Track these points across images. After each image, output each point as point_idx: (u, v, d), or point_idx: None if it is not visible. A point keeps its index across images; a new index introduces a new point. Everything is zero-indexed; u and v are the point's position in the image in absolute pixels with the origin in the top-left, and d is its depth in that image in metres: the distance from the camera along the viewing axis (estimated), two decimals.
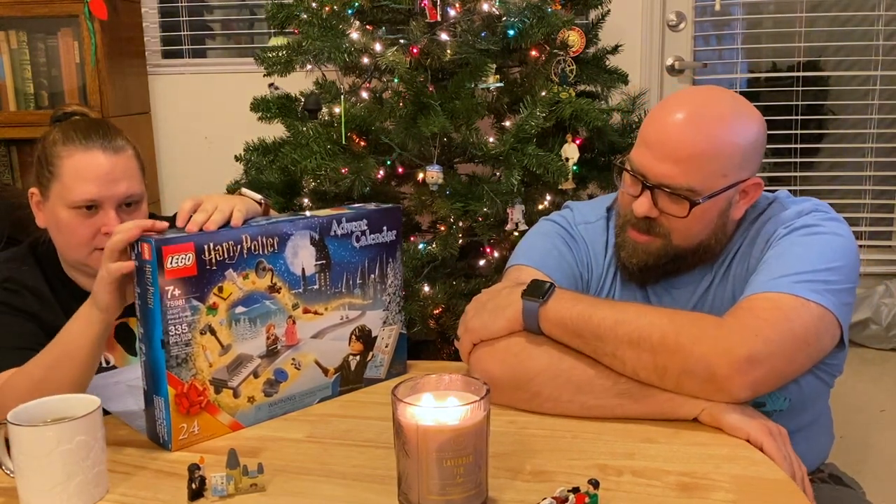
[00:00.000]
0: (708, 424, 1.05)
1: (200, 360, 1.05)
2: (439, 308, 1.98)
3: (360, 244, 1.21)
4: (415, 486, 0.85)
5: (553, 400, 1.09)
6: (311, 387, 1.17)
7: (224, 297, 1.06)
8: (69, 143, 1.29)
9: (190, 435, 1.05)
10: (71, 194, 1.27)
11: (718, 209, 1.17)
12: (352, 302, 1.21)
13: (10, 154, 2.71)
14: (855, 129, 2.70)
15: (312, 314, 1.17)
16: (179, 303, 1.02)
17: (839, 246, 1.13)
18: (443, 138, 1.93)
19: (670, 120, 1.15)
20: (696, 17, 2.71)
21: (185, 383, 1.04)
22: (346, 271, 1.20)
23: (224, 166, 2.24)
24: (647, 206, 1.17)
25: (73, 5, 2.50)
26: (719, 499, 0.89)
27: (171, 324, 1.02)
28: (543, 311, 1.11)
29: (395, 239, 1.26)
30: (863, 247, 2.70)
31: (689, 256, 1.21)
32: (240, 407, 1.10)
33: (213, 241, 1.05)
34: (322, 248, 1.17)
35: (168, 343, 1.02)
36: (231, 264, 1.07)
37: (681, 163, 1.13)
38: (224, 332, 1.07)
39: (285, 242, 1.12)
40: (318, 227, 1.16)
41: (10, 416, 0.89)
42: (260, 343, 1.11)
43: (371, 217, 1.22)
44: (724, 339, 1.02)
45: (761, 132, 1.18)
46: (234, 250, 1.07)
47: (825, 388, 1.22)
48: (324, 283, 1.17)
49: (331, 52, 1.94)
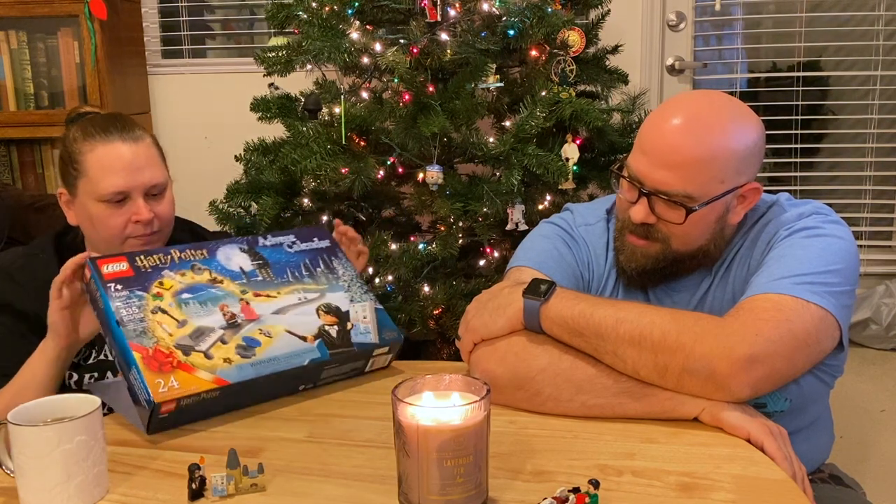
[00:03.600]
0: (708, 424, 1.05)
1: (159, 331, 1.09)
2: (439, 308, 1.99)
3: (294, 249, 1.28)
4: (415, 486, 0.85)
5: (554, 399, 1.10)
6: (293, 349, 1.16)
7: (166, 288, 1.13)
8: (89, 139, 1.32)
9: (170, 389, 1.04)
10: (99, 188, 1.30)
11: (716, 214, 1.17)
12: (305, 287, 1.23)
13: (10, 154, 2.72)
14: (855, 129, 2.70)
15: (265, 297, 1.19)
16: (123, 293, 1.10)
17: (840, 248, 1.13)
18: (443, 138, 1.93)
19: (667, 126, 1.15)
20: (696, 17, 2.71)
21: (148, 349, 1.07)
22: (288, 266, 1.24)
23: (224, 166, 2.24)
24: (643, 212, 1.17)
25: (73, 5, 2.50)
26: (719, 499, 0.89)
27: (121, 308, 1.09)
28: (544, 310, 1.11)
29: (331, 244, 1.31)
30: (863, 247, 2.70)
31: (688, 261, 1.22)
32: (217, 366, 1.09)
33: (144, 254, 1.14)
34: (255, 253, 1.24)
35: (122, 321, 1.07)
36: (164, 267, 1.15)
37: (677, 169, 1.13)
38: (175, 311, 1.11)
39: (214, 251, 1.20)
40: (244, 242, 1.24)
41: (11, 415, 0.89)
42: (217, 318, 1.13)
43: (298, 233, 1.29)
44: (725, 338, 1.02)
45: (759, 137, 1.17)
46: (164, 259, 1.16)
47: (825, 388, 1.22)
48: (267, 275, 1.21)
49: (331, 52, 1.94)
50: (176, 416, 1.06)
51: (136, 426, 1.10)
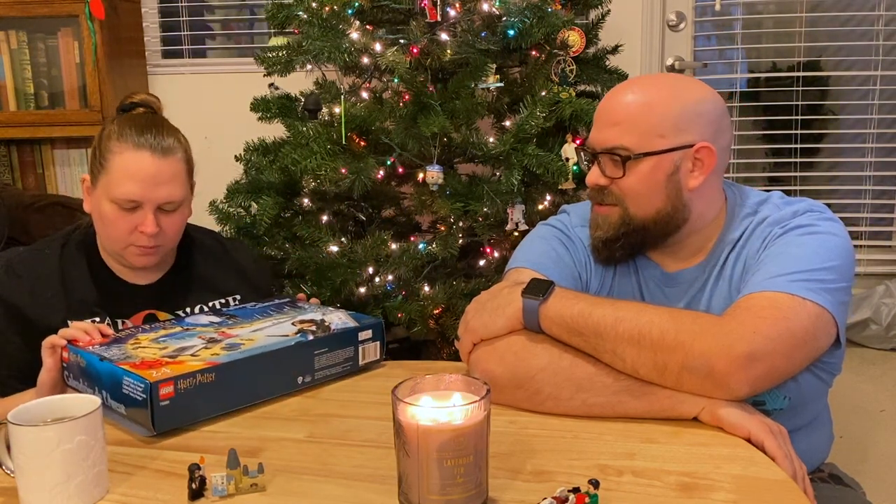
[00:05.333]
0: (708, 423, 1.05)
1: (143, 353, 1.13)
2: (439, 308, 1.98)
3: (257, 307, 1.36)
4: (415, 486, 0.85)
5: (553, 398, 1.10)
6: (277, 341, 1.19)
7: (141, 340, 1.19)
8: (122, 140, 1.33)
9: (163, 374, 1.06)
10: (115, 190, 1.31)
11: (665, 172, 1.18)
12: (276, 319, 1.29)
13: (10, 154, 2.72)
14: (855, 129, 2.70)
15: (239, 328, 1.25)
16: (104, 347, 1.16)
17: (835, 245, 1.14)
18: (443, 138, 1.93)
19: (613, 92, 1.23)
20: (696, 17, 2.71)
21: (136, 362, 1.09)
22: (255, 312, 1.32)
23: (224, 166, 2.24)
24: (595, 173, 1.23)
25: (73, 5, 2.50)
26: (719, 499, 0.89)
27: (103, 352, 1.13)
28: (544, 310, 1.12)
29: (291, 300, 1.41)
30: (863, 247, 2.70)
31: (651, 227, 1.22)
32: (206, 357, 1.12)
33: (119, 333, 1.23)
34: (220, 312, 1.33)
35: (106, 357, 1.11)
36: (137, 332, 1.23)
37: (616, 125, 1.19)
38: (155, 348, 1.16)
39: (182, 321, 1.30)
40: (210, 312, 1.35)
41: (11, 416, 0.89)
42: (195, 342, 1.18)
43: (256, 303, 1.39)
44: (723, 336, 1.02)
45: (706, 100, 1.20)
46: (135, 330, 1.24)
47: (824, 386, 1.23)
48: (235, 320, 1.28)
49: (331, 52, 1.94)
50: (177, 403, 1.06)
51: (143, 433, 1.09)
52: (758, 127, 2.77)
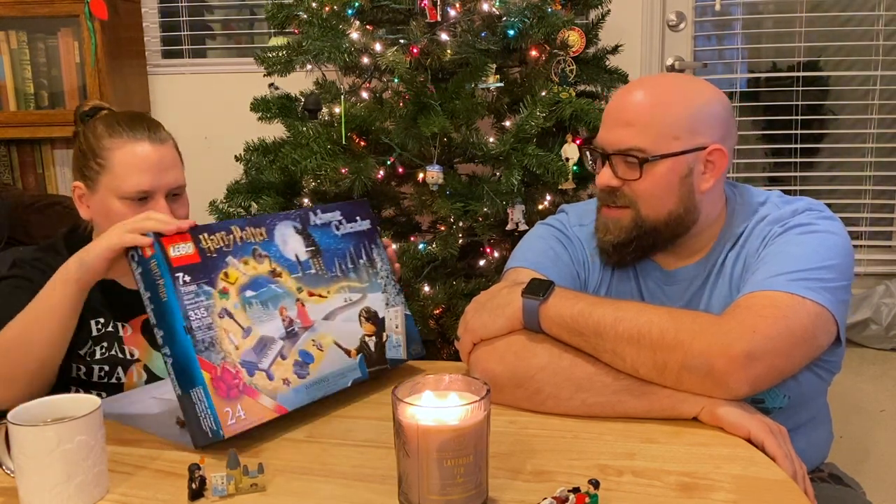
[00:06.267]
0: (708, 423, 1.05)
1: (226, 343, 1.04)
2: (439, 308, 1.99)
3: (341, 232, 1.26)
4: (415, 486, 0.85)
5: (553, 398, 1.10)
6: (339, 367, 1.17)
7: (231, 282, 1.08)
8: (116, 136, 1.33)
9: (238, 420, 1.02)
10: (124, 185, 1.31)
11: (678, 175, 1.18)
12: (350, 285, 1.23)
13: (10, 154, 2.72)
14: (855, 129, 2.70)
15: (318, 297, 1.18)
16: (192, 288, 1.04)
17: (834, 244, 1.14)
18: (443, 138, 1.93)
19: (623, 92, 1.23)
20: (696, 17, 2.71)
21: (217, 366, 1.02)
22: (336, 257, 1.23)
23: (224, 166, 2.24)
24: (607, 175, 1.21)
25: (73, 5, 2.50)
26: (719, 499, 0.89)
27: (190, 309, 1.02)
28: (544, 309, 1.12)
29: (371, 227, 1.30)
30: (863, 247, 2.70)
31: (662, 229, 1.22)
32: (278, 389, 1.08)
33: (207, 232, 1.09)
34: (307, 235, 1.21)
35: (191, 328, 1.02)
36: (229, 251, 1.10)
37: (630, 125, 1.18)
38: (240, 315, 1.08)
39: (272, 231, 1.16)
40: (297, 218, 1.20)
41: (11, 415, 0.89)
42: (277, 325, 1.11)
43: (342, 209, 1.27)
44: (723, 335, 1.02)
45: (717, 102, 1.21)
46: (227, 239, 1.10)
47: (823, 385, 1.23)
48: (319, 267, 1.20)
49: (331, 52, 1.94)
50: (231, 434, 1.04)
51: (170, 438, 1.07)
52: (758, 127, 2.77)
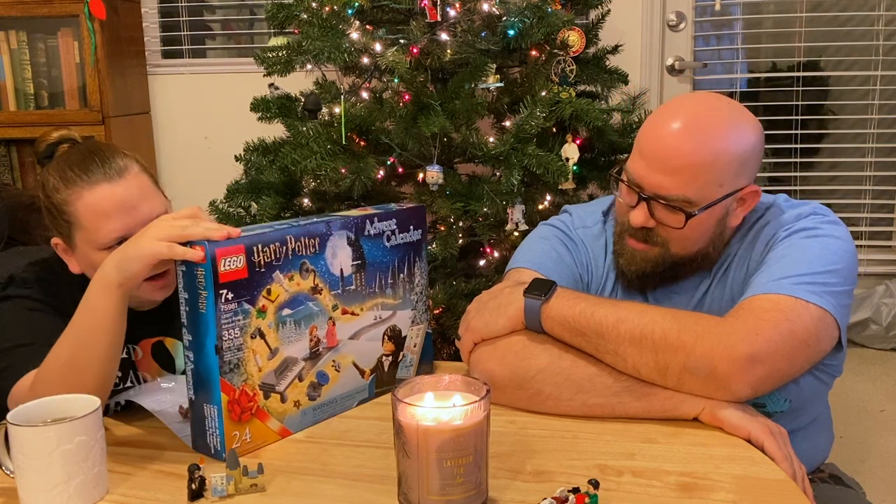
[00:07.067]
0: (708, 423, 1.05)
1: (251, 365, 1.03)
2: (439, 308, 1.99)
3: (391, 243, 1.22)
4: (415, 486, 0.85)
5: (554, 398, 1.10)
6: (350, 389, 1.17)
7: (272, 300, 1.05)
8: (71, 185, 1.20)
9: (243, 443, 1.03)
10: (98, 237, 1.19)
11: (716, 218, 1.17)
12: (384, 302, 1.22)
13: (10, 154, 2.72)
14: (855, 129, 2.70)
15: (350, 315, 1.17)
16: (232, 306, 1.00)
17: (838, 248, 1.13)
18: (443, 138, 1.93)
19: (665, 130, 1.14)
20: (696, 17, 2.71)
21: (236, 389, 1.02)
22: (379, 271, 1.21)
23: (224, 166, 2.24)
24: (643, 217, 1.17)
25: (73, 5, 2.50)
26: (719, 499, 0.89)
27: (225, 328, 0.99)
28: (546, 309, 1.11)
29: (421, 237, 1.27)
30: (863, 247, 2.70)
31: (688, 264, 1.22)
32: (287, 412, 1.08)
33: (262, 243, 1.04)
34: (358, 247, 1.17)
35: (222, 349, 0.99)
36: (278, 266, 1.06)
37: (676, 174, 1.13)
38: (272, 336, 1.06)
39: (325, 243, 1.12)
40: (353, 227, 1.16)
41: (10, 416, 0.89)
42: (304, 345, 1.10)
43: (399, 216, 1.23)
44: (725, 337, 1.02)
45: (758, 140, 1.17)
46: (280, 252, 1.05)
47: (824, 388, 1.23)
48: (360, 283, 1.18)
49: (331, 52, 1.94)
50: None
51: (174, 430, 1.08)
52: None
